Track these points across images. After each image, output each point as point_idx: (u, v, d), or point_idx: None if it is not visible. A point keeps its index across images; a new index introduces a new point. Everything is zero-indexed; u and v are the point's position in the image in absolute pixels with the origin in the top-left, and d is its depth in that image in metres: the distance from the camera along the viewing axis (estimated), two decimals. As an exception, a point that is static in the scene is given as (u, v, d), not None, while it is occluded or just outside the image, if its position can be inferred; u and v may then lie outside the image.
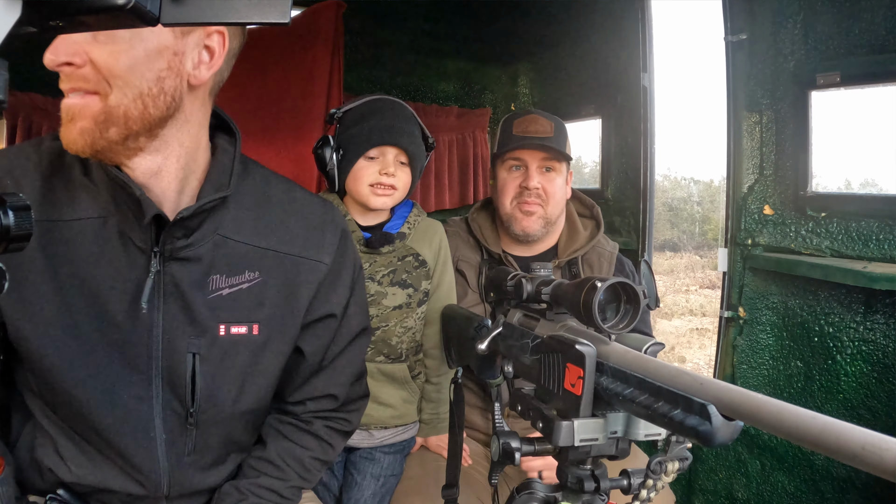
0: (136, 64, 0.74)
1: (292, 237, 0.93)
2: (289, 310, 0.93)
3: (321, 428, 1.04)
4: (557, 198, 1.48)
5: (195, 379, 0.87)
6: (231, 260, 0.89)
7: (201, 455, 0.94)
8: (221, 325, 0.88)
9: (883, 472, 0.39)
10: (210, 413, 0.91)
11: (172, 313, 0.86)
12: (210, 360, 0.88)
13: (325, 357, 1.01)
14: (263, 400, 0.97)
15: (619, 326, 0.72)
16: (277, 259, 0.92)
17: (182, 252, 0.85)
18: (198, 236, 0.85)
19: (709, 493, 1.87)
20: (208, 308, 0.87)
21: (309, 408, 1.03)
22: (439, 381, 1.46)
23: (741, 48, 1.74)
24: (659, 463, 0.66)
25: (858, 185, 2.06)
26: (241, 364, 0.91)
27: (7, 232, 0.45)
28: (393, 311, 1.37)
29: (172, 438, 0.90)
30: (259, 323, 0.90)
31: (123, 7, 0.33)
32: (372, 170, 1.32)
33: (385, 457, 1.43)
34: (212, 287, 0.87)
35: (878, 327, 1.46)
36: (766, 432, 1.72)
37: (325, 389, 1.03)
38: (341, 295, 0.99)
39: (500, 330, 0.93)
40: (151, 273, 0.83)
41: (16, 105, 1.95)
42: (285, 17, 0.39)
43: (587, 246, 1.52)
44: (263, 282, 0.90)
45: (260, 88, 2.13)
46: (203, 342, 0.87)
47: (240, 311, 0.89)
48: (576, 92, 2.46)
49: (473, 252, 1.55)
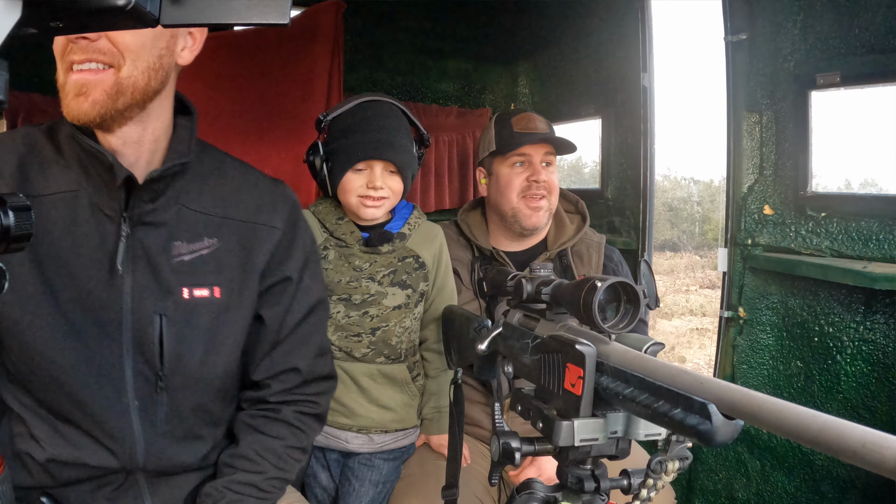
0: (146, 40, 0.83)
1: (246, 206, 1.01)
2: (247, 273, 0.99)
3: (290, 414, 1.06)
4: (556, 190, 1.54)
5: (163, 341, 0.93)
6: (191, 227, 0.96)
7: (174, 425, 0.97)
8: (185, 288, 0.94)
9: (883, 470, 0.39)
10: (179, 376, 0.95)
11: (140, 277, 0.92)
12: (176, 321, 0.94)
13: (285, 325, 1.05)
14: (230, 366, 1.01)
15: (619, 326, 0.72)
16: (233, 226, 0.99)
17: (148, 216, 0.92)
18: (162, 202, 0.93)
19: (709, 493, 1.87)
20: (172, 272, 0.94)
21: (274, 388, 1.05)
22: (439, 374, 1.46)
23: (741, 48, 1.74)
24: (659, 462, 0.66)
25: (858, 185, 2.06)
26: (205, 325, 0.96)
27: (7, 232, 0.45)
28: (393, 311, 1.37)
29: (145, 406, 0.95)
30: (220, 286, 0.97)
31: (123, 8, 0.33)
32: (360, 182, 1.32)
33: (384, 464, 1.42)
34: (174, 253, 0.94)
35: (878, 327, 1.46)
36: (766, 432, 1.72)
37: (288, 363, 1.06)
38: (297, 260, 1.05)
39: (500, 330, 0.93)
40: (123, 237, 0.90)
41: (16, 105, 1.95)
42: (285, 17, 0.39)
43: (575, 238, 1.57)
44: (221, 247, 0.97)
45: (260, 89, 2.13)
46: (169, 304, 0.93)
47: (201, 275, 0.96)
48: (576, 92, 2.46)
49: (464, 251, 1.58)
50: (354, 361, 1.37)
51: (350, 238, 1.36)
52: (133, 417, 0.94)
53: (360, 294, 1.36)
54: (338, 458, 1.46)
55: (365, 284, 1.36)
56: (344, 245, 1.37)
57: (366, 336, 1.37)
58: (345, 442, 1.41)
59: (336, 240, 1.37)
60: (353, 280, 1.36)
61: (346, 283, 1.36)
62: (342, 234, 1.37)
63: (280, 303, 1.04)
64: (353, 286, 1.36)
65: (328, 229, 1.38)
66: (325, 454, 1.45)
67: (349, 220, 1.37)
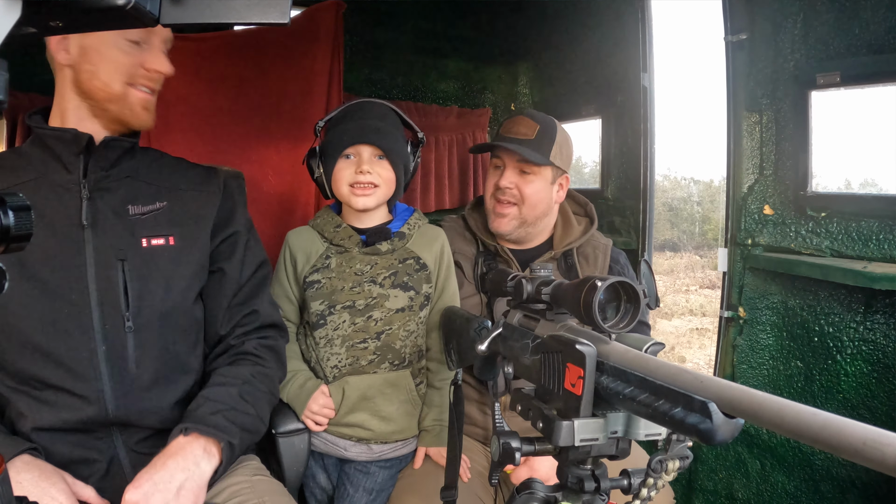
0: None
1: (187, 180, 1.18)
2: (199, 226, 1.15)
3: (251, 346, 1.19)
4: (533, 200, 1.47)
5: (126, 283, 1.05)
6: (143, 194, 1.12)
7: (143, 369, 1.07)
8: (143, 238, 1.09)
9: (884, 467, 0.39)
10: (144, 315, 1.07)
11: (101, 232, 1.06)
12: (137, 265, 1.07)
13: (242, 274, 1.19)
14: (187, 303, 1.14)
15: (619, 326, 0.72)
16: (180, 193, 1.16)
17: (104, 182, 1.07)
18: (115, 172, 1.09)
19: (709, 493, 1.87)
20: (130, 227, 1.08)
21: (237, 333, 1.19)
22: (443, 385, 1.45)
23: (741, 48, 1.74)
24: (660, 461, 0.65)
25: (858, 185, 2.05)
26: (163, 267, 1.09)
27: (7, 232, 0.45)
28: (396, 313, 1.37)
29: (114, 351, 1.04)
30: (174, 235, 1.11)
31: (123, 7, 0.33)
32: (349, 170, 1.34)
33: (380, 471, 1.42)
34: (131, 213, 1.09)
35: (878, 327, 1.46)
36: (766, 432, 1.72)
37: (248, 306, 1.20)
38: (241, 219, 1.21)
39: (500, 331, 0.93)
40: (84, 199, 1.05)
41: (16, 105, 1.95)
42: (285, 17, 0.39)
43: (581, 239, 1.54)
44: (173, 208, 1.13)
45: (260, 89, 2.13)
46: (129, 252, 1.07)
47: (156, 227, 1.11)
48: (576, 92, 2.46)
49: (469, 245, 1.57)
50: (360, 374, 1.37)
51: (349, 242, 1.37)
52: (102, 365, 1.03)
53: (363, 299, 1.36)
54: (335, 461, 1.46)
55: (367, 288, 1.36)
56: (344, 250, 1.37)
57: (371, 341, 1.37)
58: (343, 450, 1.41)
59: (336, 246, 1.38)
60: (356, 285, 1.36)
61: (350, 289, 1.36)
62: (341, 240, 1.38)
63: (235, 254, 1.19)
64: (357, 291, 1.36)
65: (327, 238, 1.39)
66: (322, 457, 1.46)
67: (346, 225, 1.39)
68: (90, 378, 1.03)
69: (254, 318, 1.20)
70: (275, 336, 1.24)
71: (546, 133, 1.46)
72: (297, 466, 1.38)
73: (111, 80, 1.04)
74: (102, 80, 1.04)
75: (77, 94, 1.06)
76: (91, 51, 1.02)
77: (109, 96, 1.05)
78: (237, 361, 1.17)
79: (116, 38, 1.03)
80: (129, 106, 1.07)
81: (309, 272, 1.37)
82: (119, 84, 1.05)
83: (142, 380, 1.07)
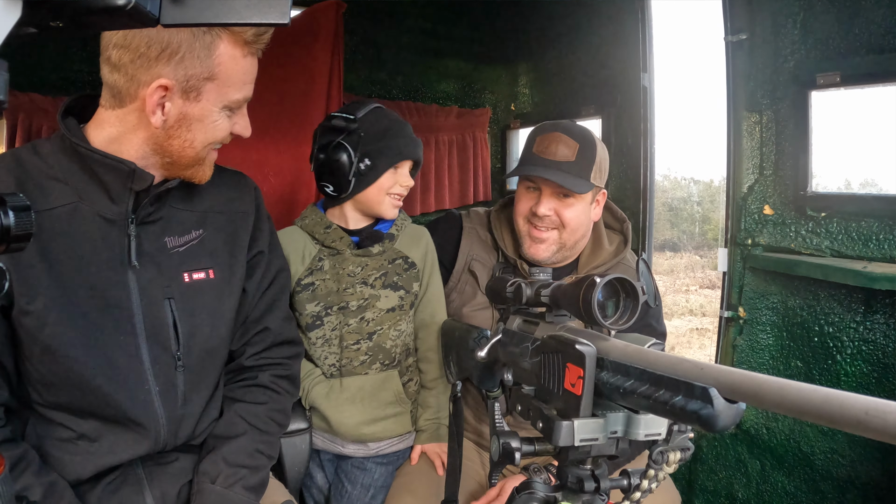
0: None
1: (220, 199, 1.13)
2: (235, 255, 1.11)
3: (267, 378, 1.17)
4: (574, 225, 1.37)
5: (176, 321, 1.03)
6: (180, 224, 1.07)
7: (190, 405, 1.07)
8: (185, 273, 1.05)
9: (887, 436, 0.39)
10: (194, 354, 1.05)
11: (144, 270, 1.01)
12: (184, 302, 1.04)
13: (258, 291, 1.17)
14: (228, 338, 1.13)
15: (619, 322, 0.72)
16: (213, 218, 1.11)
17: (149, 217, 1.02)
18: (158, 205, 1.03)
19: (709, 493, 1.87)
20: (171, 262, 1.04)
21: (248, 353, 1.16)
22: (436, 385, 1.45)
23: (741, 48, 1.74)
24: (661, 453, 0.65)
25: (858, 185, 2.06)
26: (209, 304, 1.07)
27: (7, 232, 0.45)
28: (387, 313, 1.38)
29: (166, 389, 1.03)
30: (213, 269, 1.08)
31: (123, 8, 0.33)
32: (394, 181, 1.37)
33: (377, 468, 1.43)
34: (170, 246, 1.05)
35: (878, 327, 1.46)
36: (766, 431, 1.72)
37: (260, 324, 1.17)
38: (265, 235, 1.18)
39: (500, 337, 0.93)
40: (132, 235, 1.00)
41: (16, 105, 1.95)
42: (285, 17, 0.39)
43: (610, 262, 1.42)
44: (207, 236, 1.09)
45: (260, 88, 2.12)
46: (174, 288, 1.04)
47: (196, 261, 1.07)
48: (576, 92, 2.46)
49: (489, 253, 1.48)
50: (350, 376, 1.38)
51: (340, 244, 1.37)
52: (156, 402, 1.02)
53: (355, 300, 1.37)
54: (332, 458, 1.46)
55: (359, 289, 1.37)
56: (336, 252, 1.38)
57: (363, 342, 1.37)
58: (340, 447, 1.42)
59: (328, 248, 1.38)
60: (349, 287, 1.37)
61: (342, 290, 1.37)
62: (332, 242, 1.37)
63: (255, 273, 1.16)
64: (349, 293, 1.37)
65: (318, 240, 1.39)
66: (319, 454, 1.46)
67: (336, 227, 1.39)
68: (147, 422, 1.01)
69: (265, 336, 1.17)
70: (289, 357, 1.21)
71: (586, 153, 1.33)
72: (299, 466, 1.38)
73: (202, 148, 1.00)
74: (195, 149, 0.99)
75: (151, 147, 0.98)
76: (193, 121, 0.96)
77: (191, 160, 1.00)
78: (253, 391, 1.16)
79: (220, 109, 0.98)
80: (203, 166, 1.03)
81: (304, 274, 1.37)
82: (206, 149, 1.01)
83: (189, 414, 1.07)
